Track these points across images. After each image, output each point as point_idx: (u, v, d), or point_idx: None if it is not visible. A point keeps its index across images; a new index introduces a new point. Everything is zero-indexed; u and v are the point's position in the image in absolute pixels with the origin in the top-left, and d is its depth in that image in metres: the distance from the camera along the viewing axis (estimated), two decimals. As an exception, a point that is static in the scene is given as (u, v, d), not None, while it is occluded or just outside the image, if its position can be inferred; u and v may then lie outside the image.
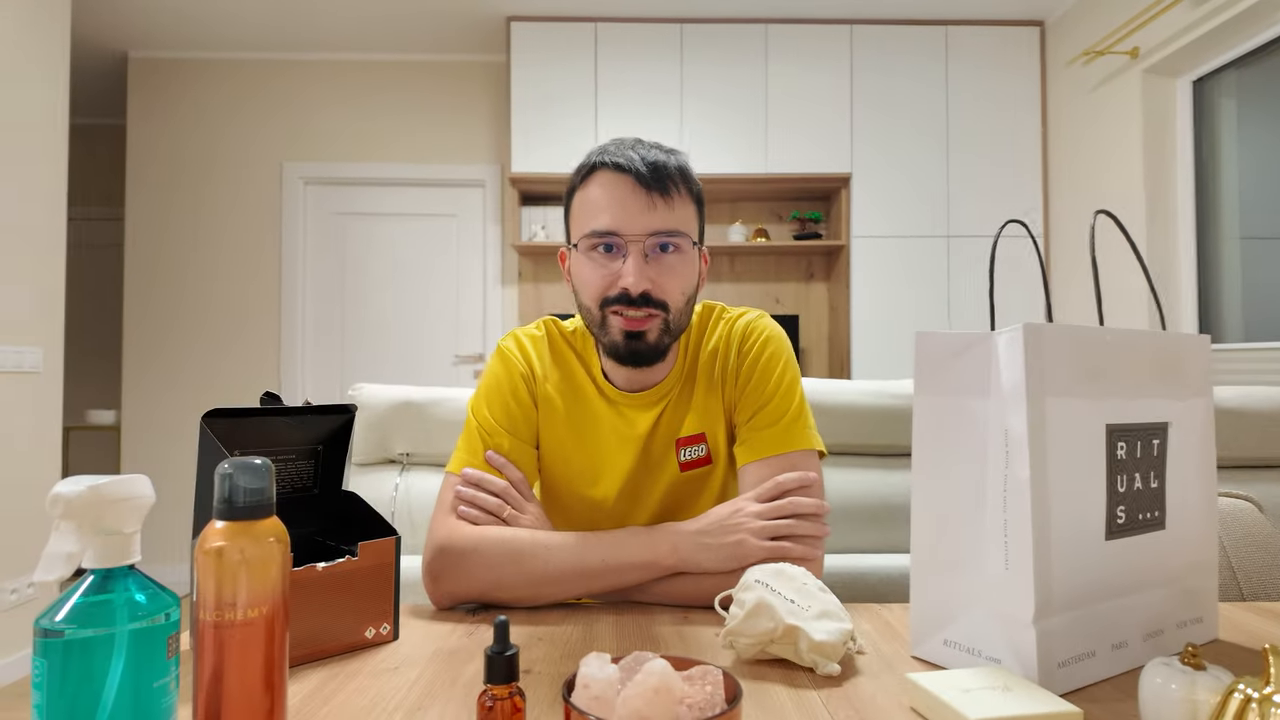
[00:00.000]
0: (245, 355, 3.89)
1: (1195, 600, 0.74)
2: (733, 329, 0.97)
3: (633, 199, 0.87)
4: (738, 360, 0.95)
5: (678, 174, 0.89)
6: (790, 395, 0.92)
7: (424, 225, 4.00)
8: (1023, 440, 0.61)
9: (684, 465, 0.95)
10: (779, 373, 0.93)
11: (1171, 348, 0.73)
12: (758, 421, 0.91)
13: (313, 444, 0.77)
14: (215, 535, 0.46)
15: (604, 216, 0.87)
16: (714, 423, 0.95)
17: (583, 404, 0.97)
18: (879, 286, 3.59)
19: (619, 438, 0.95)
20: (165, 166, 3.90)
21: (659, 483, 0.95)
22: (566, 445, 0.97)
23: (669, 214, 0.88)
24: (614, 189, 0.87)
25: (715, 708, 0.46)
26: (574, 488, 0.97)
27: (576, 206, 0.92)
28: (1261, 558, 1.02)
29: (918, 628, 0.70)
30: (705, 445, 0.95)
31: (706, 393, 0.96)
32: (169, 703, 0.49)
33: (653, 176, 0.87)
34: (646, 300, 0.87)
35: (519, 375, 0.97)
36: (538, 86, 3.57)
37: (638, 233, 0.87)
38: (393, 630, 0.73)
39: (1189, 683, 0.50)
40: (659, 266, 0.88)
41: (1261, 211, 2.76)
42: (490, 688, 0.49)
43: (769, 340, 0.95)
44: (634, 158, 0.87)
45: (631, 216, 0.86)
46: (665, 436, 0.95)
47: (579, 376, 0.98)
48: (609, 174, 0.88)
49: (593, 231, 0.88)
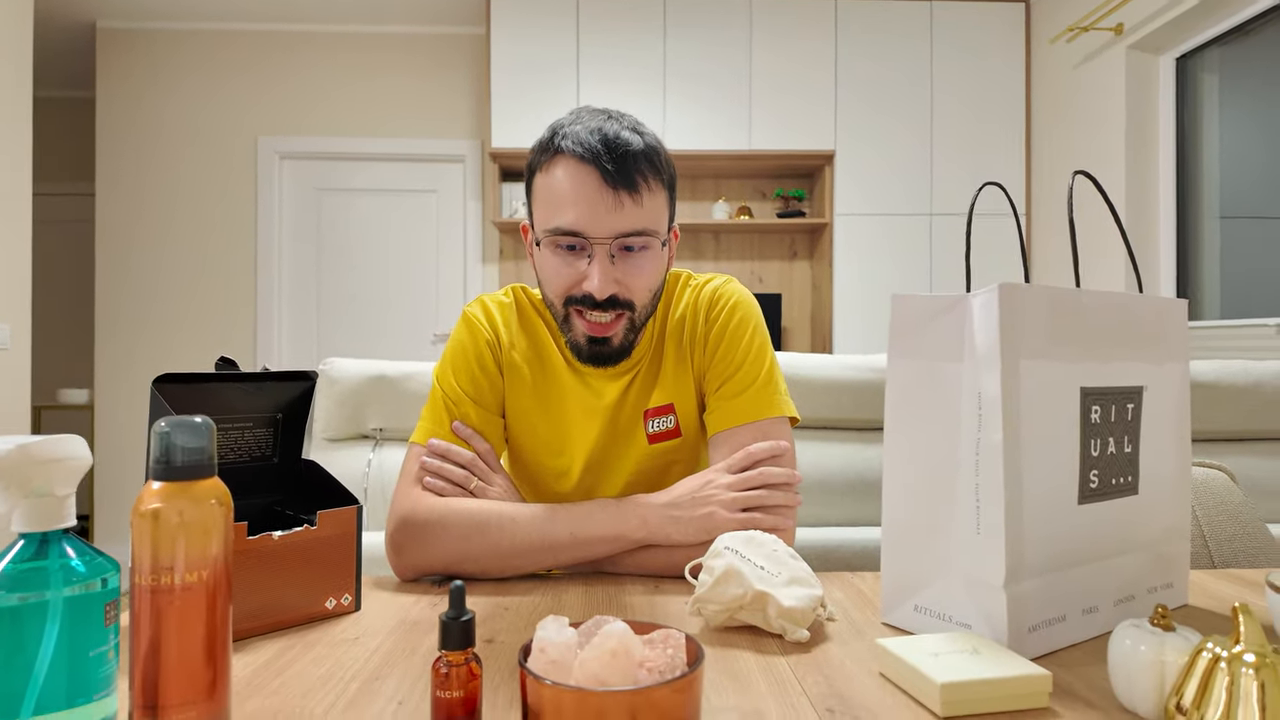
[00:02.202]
0: (221, 333, 3.83)
1: (1167, 566, 0.73)
2: (699, 296, 0.95)
3: (599, 197, 0.80)
4: (705, 327, 0.93)
5: (646, 164, 0.83)
6: (760, 362, 0.90)
7: (403, 201, 3.94)
8: (996, 403, 0.60)
9: (652, 437, 0.93)
10: (747, 339, 0.91)
11: (1148, 311, 0.72)
12: (727, 390, 0.89)
13: (271, 412, 0.75)
14: (151, 496, 0.44)
15: (568, 213, 0.81)
16: (683, 393, 0.93)
17: (549, 373, 0.95)
18: (862, 265, 3.58)
19: (585, 409, 0.93)
20: (137, 141, 3.80)
21: (627, 456, 0.93)
22: (532, 415, 0.94)
23: (637, 212, 0.82)
24: (579, 184, 0.81)
25: (676, 671, 0.44)
26: (539, 458, 0.95)
27: (539, 191, 0.86)
28: (1233, 527, 1.02)
29: (889, 594, 0.69)
30: (674, 417, 0.93)
31: (676, 363, 0.93)
32: (108, 672, 0.47)
33: (619, 171, 0.80)
34: (613, 302, 0.84)
35: (484, 343, 0.94)
36: (518, 59, 3.51)
37: (604, 234, 0.81)
38: (354, 601, 0.71)
39: (1158, 644, 0.50)
40: (625, 267, 0.84)
41: (1241, 191, 2.77)
42: (445, 654, 0.48)
43: (736, 306, 0.93)
44: (599, 147, 0.80)
45: (598, 217, 0.81)
46: (633, 408, 0.93)
47: (546, 346, 0.95)
48: (573, 163, 0.81)
49: (556, 229, 0.82)
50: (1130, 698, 0.51)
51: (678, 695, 0.43)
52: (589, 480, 0.94)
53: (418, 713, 0.51)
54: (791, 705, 0.52)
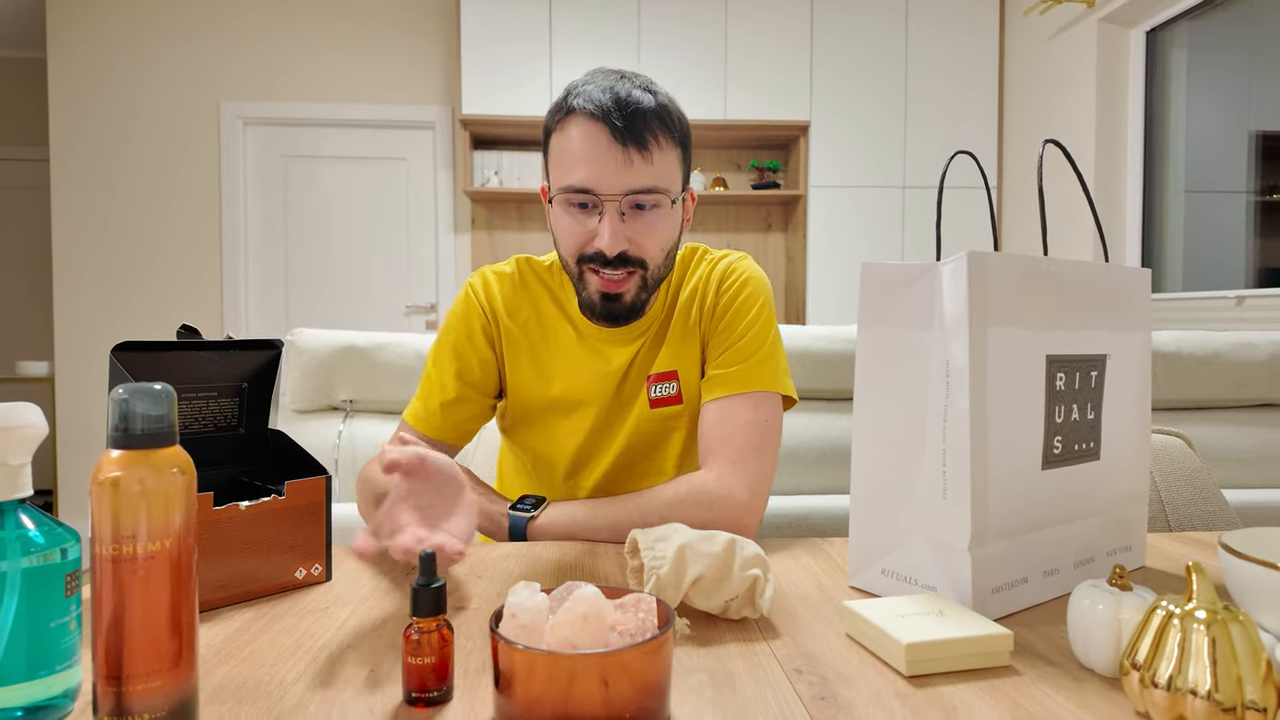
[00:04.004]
0: (187, 303, 3.74)
1: (1126, 529, 0.76)
2: (713, 270, 0.96)
3: (608, 154, 0.81)
4: (715, 300, 0.94)
5: (657, 121, 0.83)
6: (762, 337, 0.91)
7: (372, 169, 3.86)
8: (963, 371, 0.60)
9: (654, 402, 0.94)
10: (754, 314, 0.92)
11: (1113, 280, 0.73)
12: (726, 359, 0.90)
13: (236, 381, 0.73)
14: (110, 465, 0.43)
15: (580, 171, 0.82)
16: (687, 362, 0.94)
17: (552, 341, 0.96)
18: (836, 237, 3.59)
19: (591, 373, 0.94)
20: (92, 104, 3.67)
21: (627, 420, 0.95)
22: (536, 382, 0.96)
23: (647, 170, 0.82)
24: (590, 141, 0.82)
25: (646, 634, 0.45)
26: (548, 421, 0.97)
27: (554, 152, 0.87)
28: (1190, 492, 1.06)
29: (856, 558, 0.70)
30: (677, 383, 0.94)
31: (683, 333, 0.94)
32: (70, 643, 0.46)
33: (629, 128, 0.81)
34: (624, 260, 0.84)
35: (477, 318, 0.96)
36: (489, 24, 3.43)
37: (614, 192, 0.82)
38: (325, 571, 0.71)
39: (1115, 603, 0.51)
40: (637, 224, 0.84)
41: (1205, 165, 2.81)
42: (416, 620, 0.48)
43: (748, 281, 0.94)
44: (609, 104, 0.81)
45: (608, 174, 0.82)
46: (639, 373, 0.95)
47: (550, 313, 0.96)
48: (584, 121, 0.82)
49: (568, 186, 0.83)
50: (1087, 655, 0.52)
51: (648, 657, 0.43)
52: (590, 444, 0.96)
53: (389, 679, 0.51)
54: (760, 666, 0.53)
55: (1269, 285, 2.53)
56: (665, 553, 0.60)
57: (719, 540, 0.61)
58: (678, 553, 0.60)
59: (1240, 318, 2.52)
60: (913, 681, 0.51)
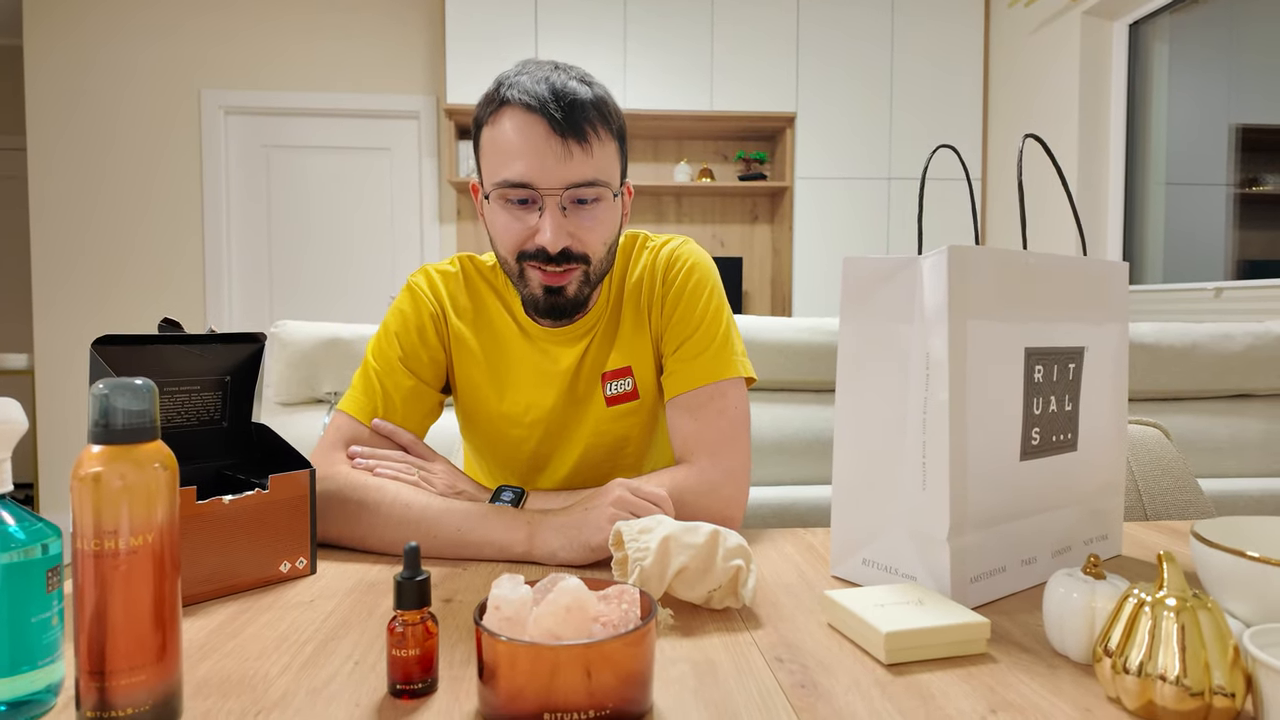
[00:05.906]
0: (169, 294, 3.70)
1: (1102, 519, 0.77)
2: (657, 258, 0.94)
3: (547, 147, 0.78)
4: (663, 289, 0.92)
5: (595, 113, 0.81)
6: (716, 323, 0.90)
7: (355, 159, 3.82)
8: (943, 363, 0.61)
9: (610, 400, 0.92)
10: (704, 300, 0.91)
11: (1091, 273, 0.74)
12: (685, 351, 0.89)
13: (219, 375, 0.73)
14: (91, 460, 0.43)
15: (517, 165, 0.79)
16: (641, 356, 0.93)
17: (500, 343, 0.93)
18: (822, 228, 3.60)
19: (540, 375, 0.92)
20: (70, 93, 3.61)
21: (585, 420, 0.93)
22: (484, 386, 0.93)
23: (588, 162, 0.80)
24: (527, 133, 0.79)
25: (629, 625, 0.45)
26: (497, 427, 0.95)
27: (487, 145, 0.83)
28: (1166, 481, 1.07)
29: (838, 548, 0.71)
30: (632, 380, 0.92)
31: (633, 325, 0.93)
32: (52, 638, 0.46)
33: (568, 120, 0.78)
34: (567, 256, 0.82)
35: (428, 313, 0.93)
36: (474, 12, 3.40)
37: (554, 186, 0.79)
38: (309, 564, 0.71)
39: (1089, 591, 0.52)
40: (578, 219, 0.82)
41: (1185, 157, 2.84)
42: (400, 613, 0.48)
43: (694, 267, 0.93)
44: (546, 96, 0.78)
45: (547, 168, 0.79)
46: (591, 371, 0.93)
47: (496, 315, 0.94)
48: (520, 113, 0.79)
49: (505, 181, 0.80)
50: (1062, 642, 0.53)
51: (630, 648, 0.44)
52: (547, 447, 0.94)
53: (374, 672, 0.51)
54: (742, 655, 0.54)
55: (1247, 277, 2.57)
56: (649, 545, 0.61)
57: (702, 532, 0.62)
58: (661, 545, 0.60)
59: (1219, 309, 2.56)
60: (892, 669, 0.52)
